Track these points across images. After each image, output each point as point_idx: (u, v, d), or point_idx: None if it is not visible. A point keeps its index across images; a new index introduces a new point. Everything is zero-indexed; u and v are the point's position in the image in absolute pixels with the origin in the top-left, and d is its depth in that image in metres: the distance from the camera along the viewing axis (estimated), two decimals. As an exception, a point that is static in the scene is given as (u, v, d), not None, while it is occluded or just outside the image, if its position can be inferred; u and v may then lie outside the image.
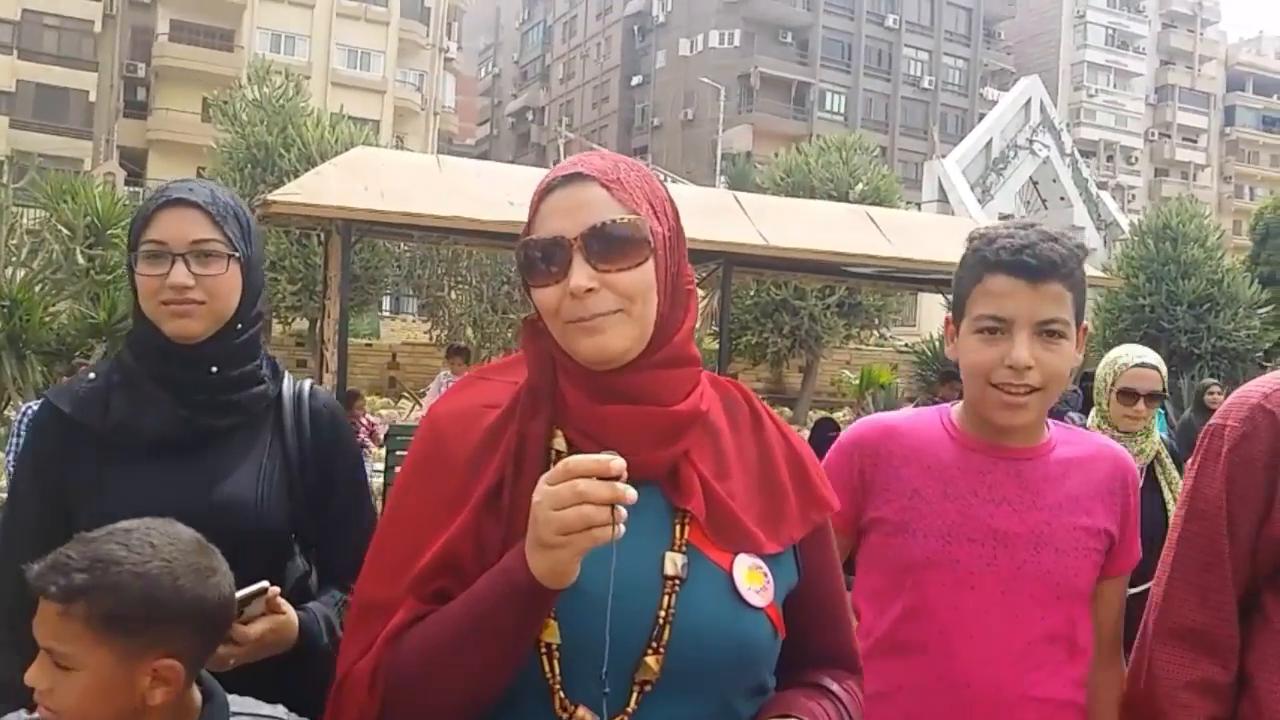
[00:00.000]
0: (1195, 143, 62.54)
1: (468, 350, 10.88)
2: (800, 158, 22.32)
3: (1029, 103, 33.81)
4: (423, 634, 1.08)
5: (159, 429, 1.56)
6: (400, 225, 7.83)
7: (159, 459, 1.55)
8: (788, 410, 20.91)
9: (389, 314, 27.23)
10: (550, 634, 1.07)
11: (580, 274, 1.09)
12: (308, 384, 1.73)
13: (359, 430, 9.51)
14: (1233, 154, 64.09)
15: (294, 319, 19.85)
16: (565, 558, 1.00)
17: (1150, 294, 18.99)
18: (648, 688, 1.08)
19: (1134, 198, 53.64)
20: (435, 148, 37.70)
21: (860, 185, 20.18)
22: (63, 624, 1.15)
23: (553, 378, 1.15)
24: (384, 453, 7.94)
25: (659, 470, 1.14)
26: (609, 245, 1.10)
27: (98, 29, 35.08)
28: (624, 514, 0.99)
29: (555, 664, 1.07)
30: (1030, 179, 33.79)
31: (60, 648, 1.16)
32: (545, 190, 1.15)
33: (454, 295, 17.31)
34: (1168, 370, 3.05)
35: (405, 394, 18.58)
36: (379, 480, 7.00)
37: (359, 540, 1.29)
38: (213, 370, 1.59)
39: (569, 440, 1.13)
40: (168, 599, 1.18)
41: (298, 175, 10.99)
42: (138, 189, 25.66)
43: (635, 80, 58.57)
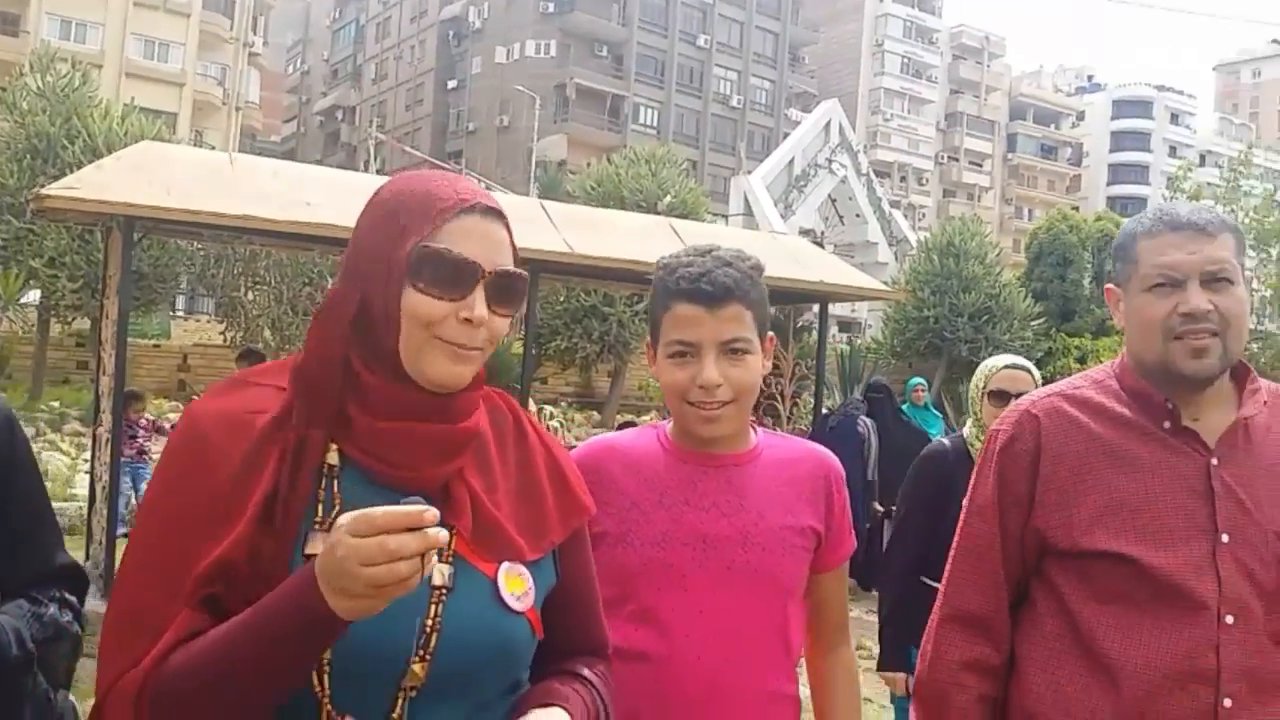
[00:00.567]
0: (980, 167, 66.91)
1: (262, 354, 10.51)
2: (611, 169, 22.64)
3: (829, 124, 35.42)
4: (201, 654, 1.05)
5: None
6: (187, 224, 7.47)
7: None
8: (596, 414, 21.15)
9: (182, 314, 25.96)
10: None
11: (480, 306, 1.14)
12: None
13: (137, 434, 9.13)
14: (1014, 178, 68.97)
15: (74, 318, 18.70)
16: (376, 606, 1.00)
17: (934, 306, 20.19)
18: (413, 693, 1.11)
19: (924, 216, 56.86)
20: (237, 143, 36.15)
21: (669, 197, 20.65)
22: None
23: (340, 385, 1.14)
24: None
25: (434, 486, 1.16)
26: (507, 292, 1.17)
27: None
28: (434, 559, 1.00)
29: (325, 678, 1.08)
30: (829, 196, 35.39)
31: None
32: (457, 209, 1.16)
33: (251, 296, 16.67)
34: (947, 378, 3.29)
35: (195, 396, 17.72)
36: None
37: (45, 553, 1.25)
38: None
39: (344, 454, 1.14)
40: None
41: (82, 168, 10.35)
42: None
43: (451, 84, 57.89)
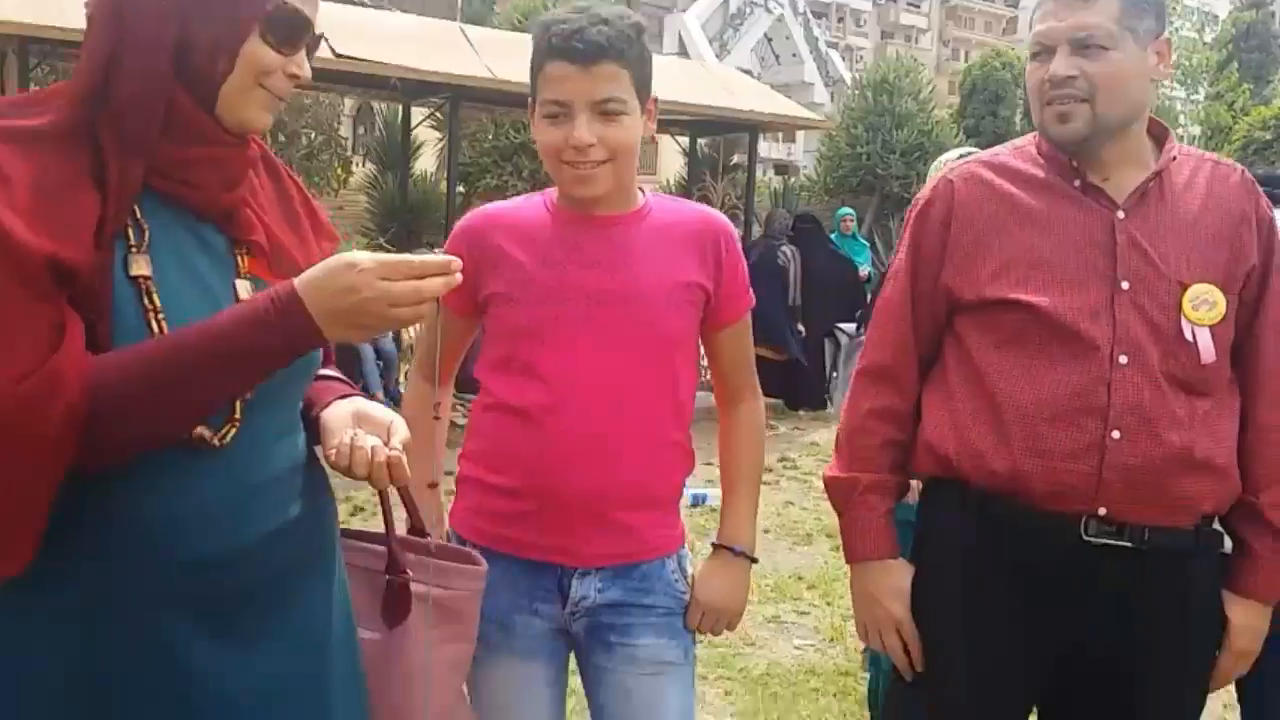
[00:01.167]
0: (918, 8, 65.73)
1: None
2: (538, 1, 21.87)
3: (765, -41, 34.40)
4: (154, 358, 1.11)
5: None
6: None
7: None
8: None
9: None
10: None
11: (306, 65, 1.28)
12: None
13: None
14: (951, 19, 67.95)
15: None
16: (372, 335, 1.18)
17: (867, 143, 20.08)
18: (248, 396, 1.23)
19: (862, 58, 55.94)
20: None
21: (598, 31, 20.00)
22: None
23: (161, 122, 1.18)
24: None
25: (223, 209, 1.25)
26: (312, 51, 1.31)
27: None
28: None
29: None
30: (765, 36, 34.63)
31: None
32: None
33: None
34: (879, 214, 3.31)
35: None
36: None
37: None
38: None
39: (145, 181, 1.19)
40: None
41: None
42: None
43: (371, -83, 54.81)
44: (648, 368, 1.70)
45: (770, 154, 37.83)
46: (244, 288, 1.24)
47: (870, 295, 6.28)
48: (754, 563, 1.83)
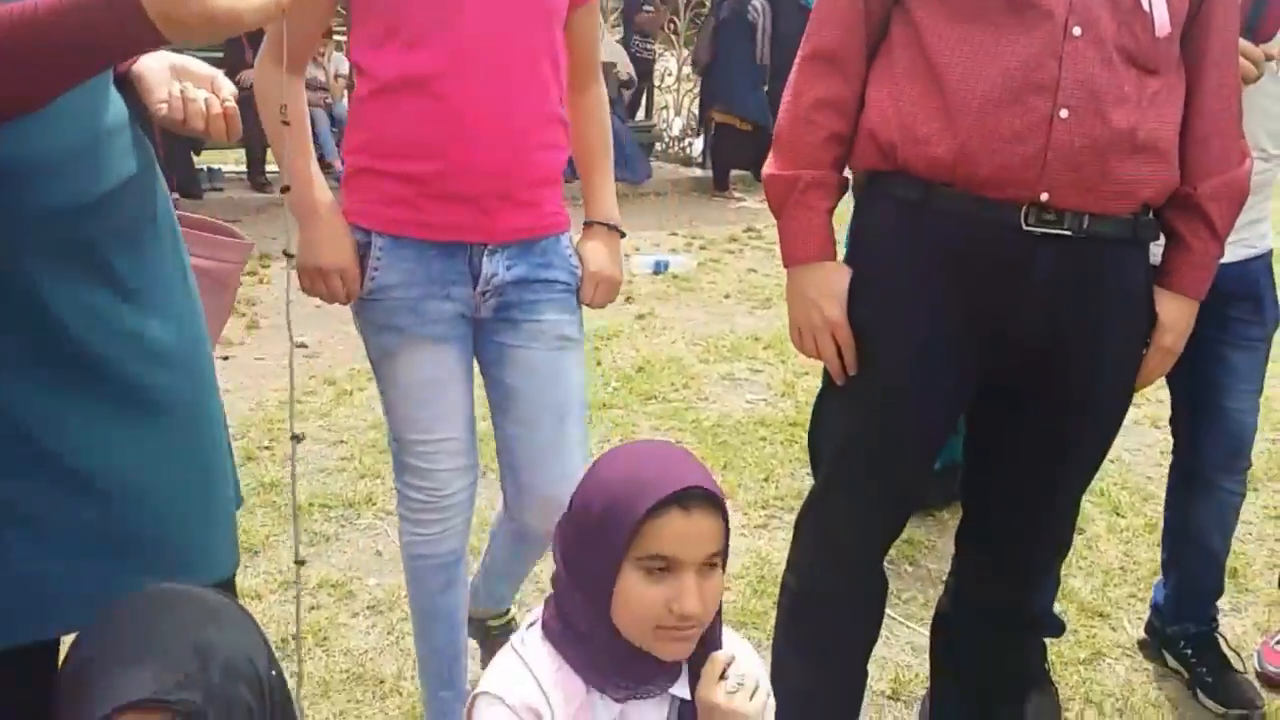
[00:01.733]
0: None
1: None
2: None
3: None
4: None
5: None
6: None
7: None
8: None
9: None
10: None
11: None
12: None
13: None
14: None
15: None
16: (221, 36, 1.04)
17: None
18: None
19: None
20: None
21: None
22: None
23: None
24: None
25: None
26: None
27: None
28: None
29: None
30: None
31: None
32: None
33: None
34: None
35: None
36: None
37: None
38: None
39: None
40: None
41: None
42: None
43: None
44: (535, 36, 1.68)
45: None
46: None
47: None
48: (623, 236, 1.96)
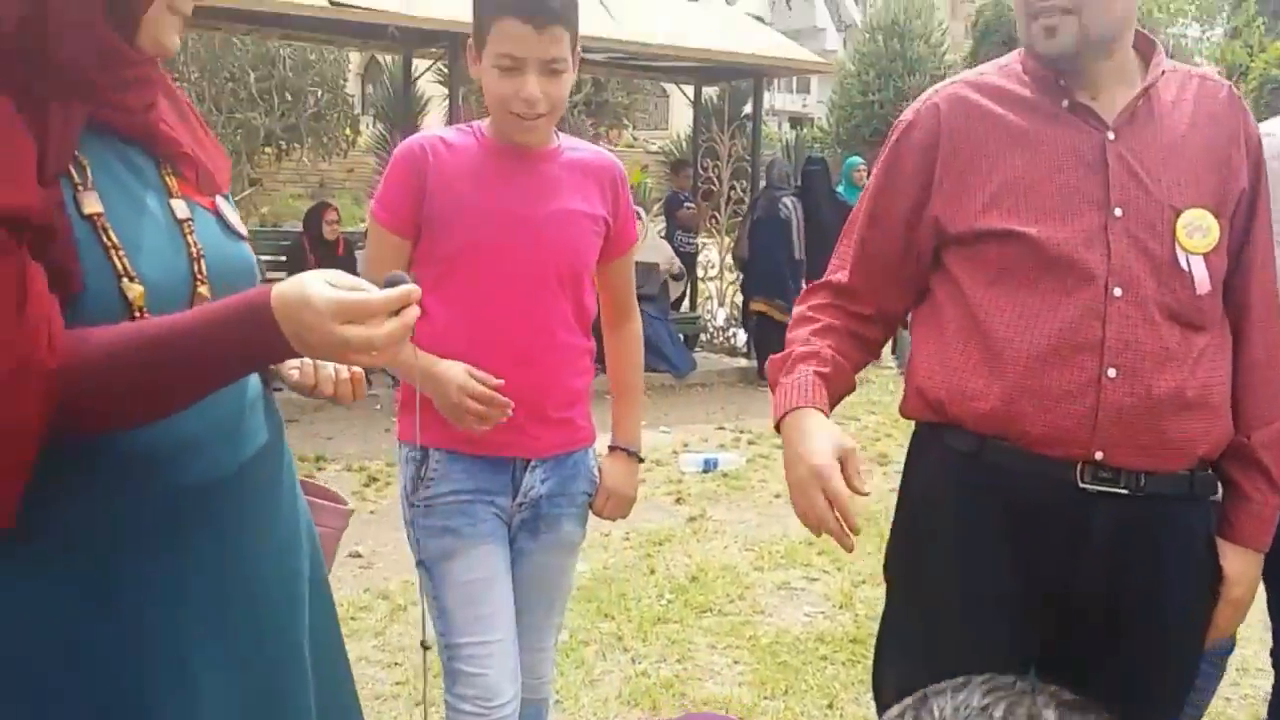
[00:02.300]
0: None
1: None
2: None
3: (775, -101, 33.70)
4: (131, 351, 1.09)
5: None
6: None
7: None
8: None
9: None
10: (138, 297, 1.15)
11: None
12: None
13: None
14: (965, -41, 66.74)
15: None
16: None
17: (879, 90, 19.85)
18: None
19: (876, 3, 55.25)
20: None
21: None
22: None
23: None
24: None
25: (143, 129, 1.24)
26: None
27: None
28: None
29: (145, 314, 1.16)
30: (776, -21, 34.06)
31: None
32: None
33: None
34: None
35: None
36: None
37: None
38: None
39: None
40: None
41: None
42: None
43: None
44: (566, 285, 1.94)
45: (785, 105, 37.39)
46: (180, 207, 1.25)
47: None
48: (641, 461, 2.18)
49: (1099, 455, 1.49)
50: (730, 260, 10.30)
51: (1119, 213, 1.51)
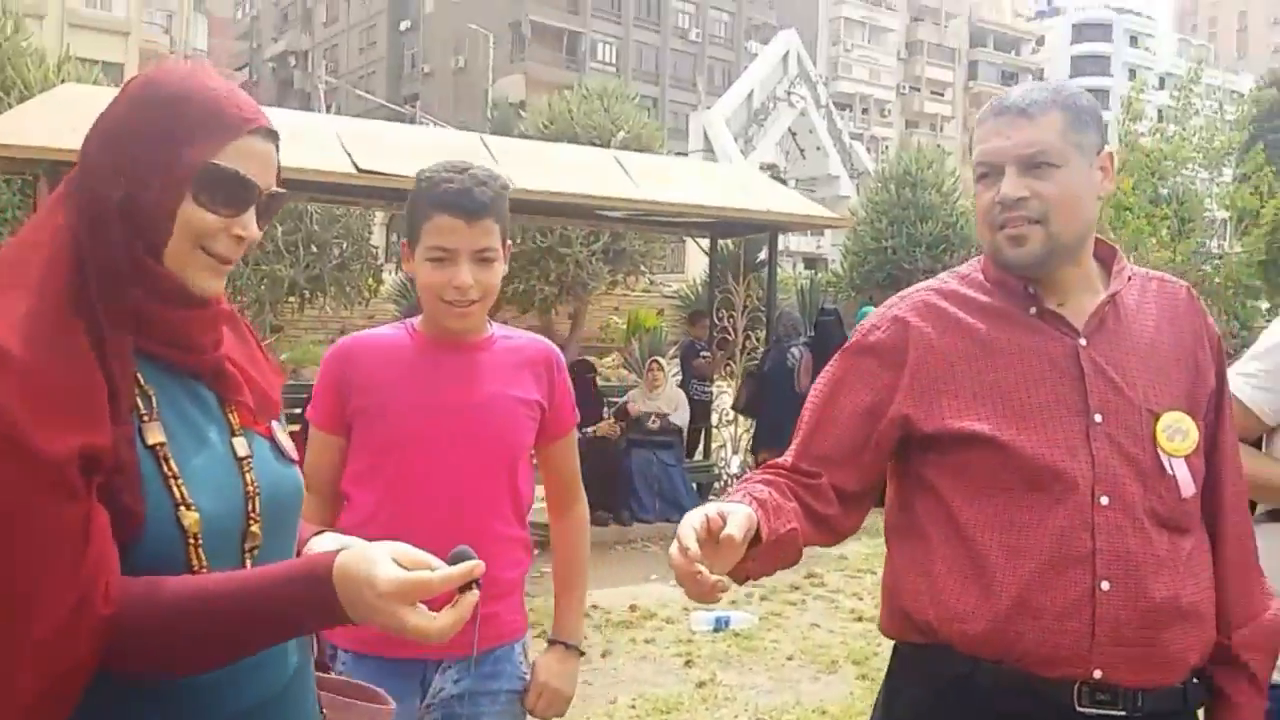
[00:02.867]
0: (943, 96, 66.71)
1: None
2: (564, 105, 22.36)
3: (787, 56, 35.02)
4: (187, 606, 1.10)
5: None
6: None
7: None
8: (558, 357, 21.02)
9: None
10: (193, 524, 1.15)
11: (252, 225, 1.23)
12: None
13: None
14: (975, 106, 68.67)
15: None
16: None
17: (892, 237, 20.19)
18: (254, 552, 1.24)
19: (887, 149, 56.68)
20: (185, 93, 35.18)
21: (622, 133, 20.40)
22: None
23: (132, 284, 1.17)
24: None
25: (209, 368, 1.26)
26: (269, 210, 1.27)
27: None
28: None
29: (200, 550, 1.16)
30: (789, 130, 35.11)
31: None
32: (245, 129, 1.21)
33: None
34: None
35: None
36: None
37: None
38: None
39: (137, 346, 1.18)
40: None
41: (8, 117, 10.09)
42: None
43: (404, 25, 56.87)
44: (498, 473, 1.95)
45: (800, 247, 38.07)
46: (240, 445, 1.26)
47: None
48: (582, 655, 2.12)
49: (1098, 674, 1.45)
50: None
51: (1099, 419, 1.50)
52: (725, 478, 10.71)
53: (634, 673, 5.09)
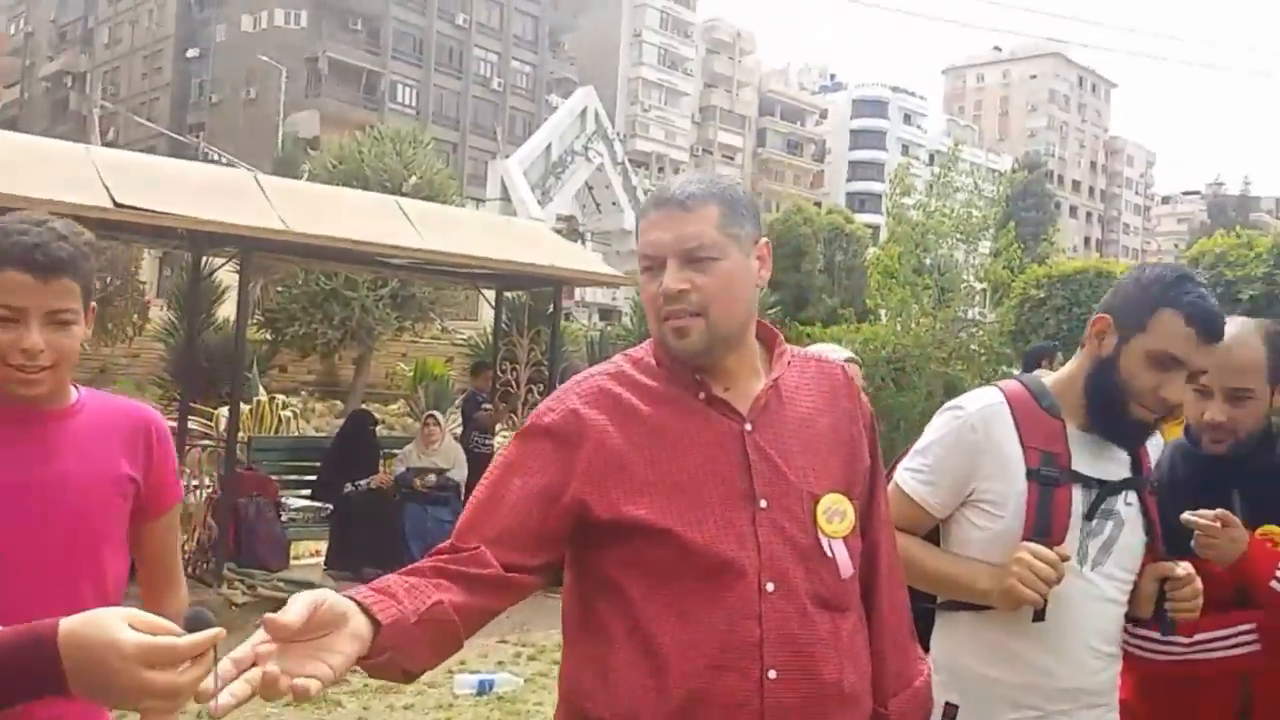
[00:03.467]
0: (733, 160, 69.42)
1: None
2: (354, 146, 21.88)
3: (585, 112, 35.67)
4: None
5: None
6: None
7: None
8: (339, 403, 20.40)
9: None
10: None
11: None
12: None
13: None
14: (763, 172, 72.02)
15: None
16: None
17: (680, 294, 20.66)
18: None
19: (681, 207, 58.37)
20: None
21: (414, 178, 20.13)
22: None
23: None
24: None
25: None
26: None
27: None
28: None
29: None
30: (586, 184, 35.67)
31: None
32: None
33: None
34: None
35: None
36: None
37: None
38: None
39: None
40: None
41: None
42: None
43: (192, 53, 54.49)
44: (78, 559, 1.75)
45: (595, 298, 38.47)
46: None
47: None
48: None
49: None
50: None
51: (764, 504, 1.52)
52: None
53: (389, 741, 4.90)
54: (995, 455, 1.91)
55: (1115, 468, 1.95)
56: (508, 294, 11.71)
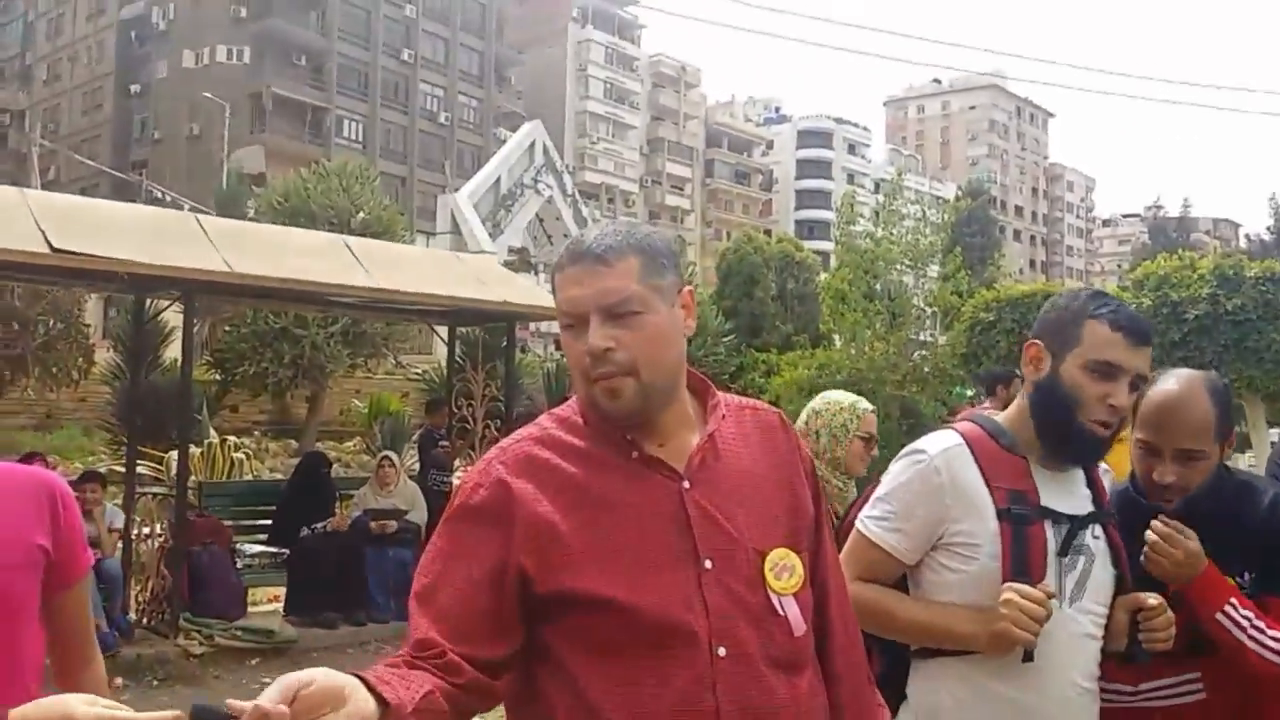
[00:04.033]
0: (682, 190, 69.94)
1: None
2: (300, 183, 21.69)
3: (533, 145, 35.76)
4: None
5: None
6: None
7: None
8: (294, 443, 20.08)
9: None
10: None
11: None
12: None
13: None
14: (713, 202, 72.62)
15: None
16: None
17: (632, 326, 20.72)
18: None
19: (632, 237, 58.61)
20: None
21: (362, 214, 19.98)
22: None
23: None
24: None
25: None
26: None
27: None
28: None
29: None
30: (537, 216, 35.68)
31: None
32: None
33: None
34: None
35: None
36: None
37: None
38: None
39: None
40: None
41: None
42: None
43: (134, 89, 53.84)
44: None
45: (552, 329, 38.37)
46: None
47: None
48: None
49: None
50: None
51: (709, 564, 1.44)
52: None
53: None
54: (962, 497, 1.88)
55: (1079, 502, 1.93)
56: (461, 329, 11.60)
